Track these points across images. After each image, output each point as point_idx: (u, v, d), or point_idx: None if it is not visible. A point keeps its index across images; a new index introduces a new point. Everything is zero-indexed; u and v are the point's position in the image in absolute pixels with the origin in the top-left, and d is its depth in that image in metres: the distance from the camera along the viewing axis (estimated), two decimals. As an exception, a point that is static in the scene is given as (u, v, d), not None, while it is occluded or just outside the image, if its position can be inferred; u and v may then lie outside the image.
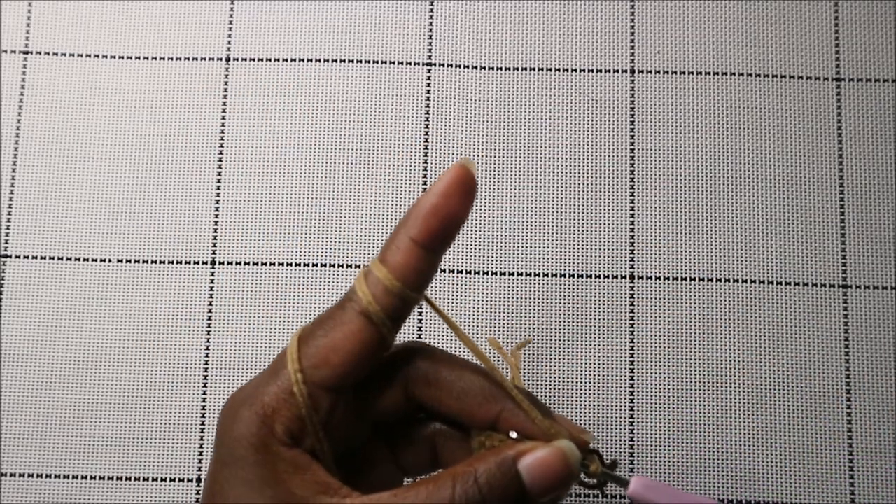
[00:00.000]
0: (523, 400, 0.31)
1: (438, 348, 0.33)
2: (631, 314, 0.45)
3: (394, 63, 0.48)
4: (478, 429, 0.32)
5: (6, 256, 0.46)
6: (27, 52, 0.48)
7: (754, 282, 0.45)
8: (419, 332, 0.45)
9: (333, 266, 0.46)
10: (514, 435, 0.31)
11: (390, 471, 0.34)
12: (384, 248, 0.30)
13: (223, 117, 0.47)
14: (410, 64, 0.48)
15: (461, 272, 0.45)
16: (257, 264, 0.46)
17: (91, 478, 0.44)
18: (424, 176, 0.46)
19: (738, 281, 0.45)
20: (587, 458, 0.31)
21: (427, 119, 0.47)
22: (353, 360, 0.30)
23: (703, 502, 0.31)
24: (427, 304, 0.32)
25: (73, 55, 0.48)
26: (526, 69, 0.48)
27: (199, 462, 0.44)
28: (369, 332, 0.30)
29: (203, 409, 0.44)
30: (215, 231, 0.46)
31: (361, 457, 0.33)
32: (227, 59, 0.48)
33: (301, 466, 0.29)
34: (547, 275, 0.46)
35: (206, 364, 0.45)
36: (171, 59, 0.48)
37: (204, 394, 0.44)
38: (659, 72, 0.48)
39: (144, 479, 0.44)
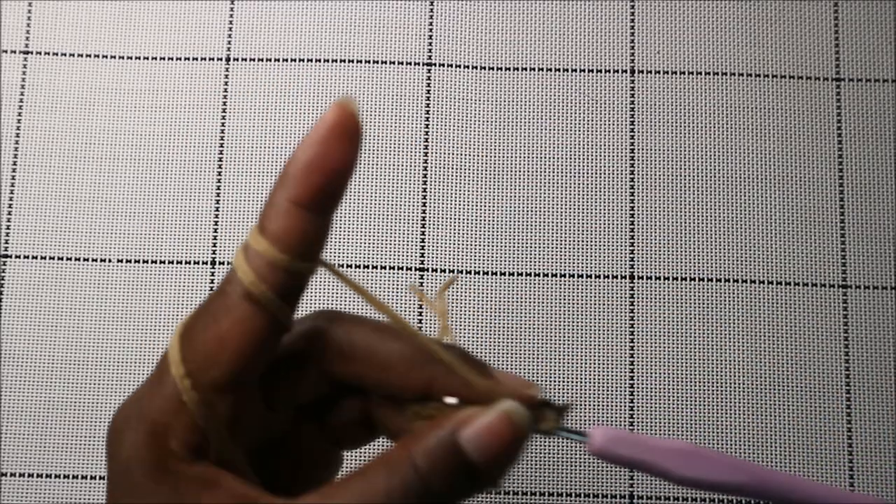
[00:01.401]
0: (455, 361, 0.27)
1: (350, 314, 0.29)
2: (631, 314, 0.45)
3: (394, 63, 0.48)
4: (410, 399, 0.28)
5: (6, 256, 0.46)
6: (27, 52, 0.48)
7: (754, 282, 0.45)
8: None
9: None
10: (451, 400, 0.27)
11: (323, 451, 0.31)
12: (262, 215, 0.26)
13: (223, 117, 0.47)
14: (410, 64, 0.48)
15: (461, 272, 0.45)
16: (257, 264, 0.46)
17: (91, 478, 0.44)
18: (424, 176, 0.46)
19: (738, 281, 0.45)
20: (538, 413, 0.27)
21: (427, 119, 0.47)
22: (245, 352, 0.26)
23: (680, 447, 0.26)
24: (326, 269, 0.27)
25: (73, 55, 0.48)
26: (526, 69, 0.48)
27: (199, 462, 0.44)
28: (259, 319, 0.26)
29: (203, 409, 0.44)
30: (215, 231, 0.46)
31: (286, 444, 0.30)
32: (227, 59, 0.48)
33: (209, 482, 0.25)
34: (547, 275, 0.46)
35: (206, 364, 0.45)
36: (171, 59, 0.48)
37: (204, 394, 0.44)
38: (659, 72, 0.48)
39: (144, 479, 0.44)
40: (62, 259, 0.46)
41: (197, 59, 0.48)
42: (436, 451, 0.25)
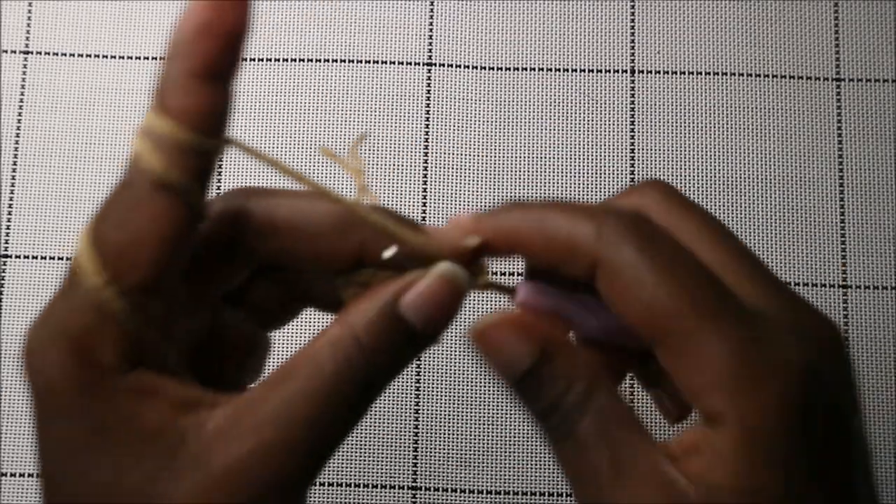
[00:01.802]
0: (384, 220, 0.25)
1: (265, 188, 0.27)
2: (631, 314, 0.45)
3: (394, 63, 0.48)
4: (343, 270, 0.26)
5: (6, 256, 0.46)
6: (27, 52, 0.48)
7: (754, 282, 0.45)
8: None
9: (333, 266, 0.46)
10: (387, 253, 0.25)
11: (247, 335, 0.28)
12: (158, 92, 0.24)
13: (223, 117, 0.47)
14: (410, 64, 0.48)
15: (461, 272, 0.45)
16: (257, 264, 0.46)
17: (91, 478, 0.44)
18: (424, 176, 0.46)
19: (738, 281, 0.45)
20: (474, 267, 0.26)
21: (427, 119, 0.47)
22: (165, 248, 0.23)
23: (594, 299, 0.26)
24: (234, 146, 0.25)
25: (73, 55, 0.48)
26: (526, 69, 0.48)
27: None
28: (175, 209, 0.23)
29: (203, 409, 0.44)
30: (215, 231, 0.46)
31: (211, 336, 0.28)
32: (227, 59, 0.48)
33: (147, 391, 0.23)
34: (547, 275, 0.46)
35: (206, 364, 0.45)
36: (171, 59, 0.48)
37: (204, 394, 0.44)
38: (659, 72, 0.48)
39: (144, 479, 0.44)
40: (62, 259, 0.46)
41: (197, 59, 0.48)
42: (377, 323, 0.24)
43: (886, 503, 0.43)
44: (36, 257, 0.46)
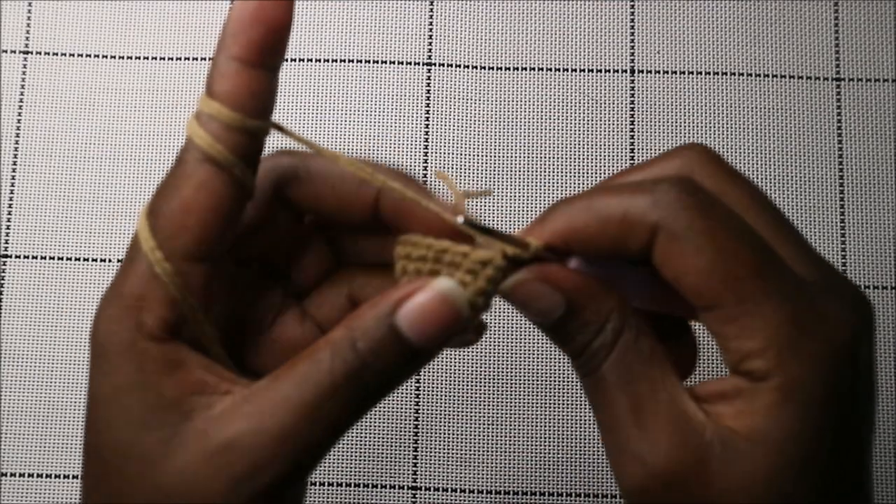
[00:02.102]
0: (397, 173, 0.28)
1: (297, 150, 0.29)
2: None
3: (394, 63, 0.48)
4: (363, 218, 0.28)
5: (6, 256, 0.46)
6: (27, 52, 0.48)
7: (754, 282, 0.45)
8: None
9: (333, 266, 0.46)
10: (460, 219, 0.26)
11: (308, 333, 0.30)
12: (208, 78, 0.26)
13: (223, 117, 0.47)
14: (410, 64, 0.48)
15: (461, 272, 0.45)
16: (257, 264, 0.46)
17: (91, 478, 0.44)
18: (424, 176, 0.46)
19: (738, 281, 0.45)
20: (494, 261, 0.26)
21: (427, 119, 0.47)
22: (212, 216, 0.25)
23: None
24: (278, 131, 0.27)
25: (73, 55, 0.48)
26: (526, 69, 0.48)
27: (199, 462, 0.44)
28: (221, 181, 0.25)
29: (203, 409, 0.44)
30: (215, 231, 0.46)
31: (276, 336, 0.30)
32: (227, 59, 0.48)
33: (173, 363, 0.25)
34: (547, 275, 0.45)
35: (206, 364, 0.45)
36: (171, 59, 0.48)
37: (204, 394, 0.44)
38: (659, 72, 0.48)
39: (144, 479, 0.44)
40: (62, 259, 0.46)
41: (197, 59, 0.48)
42: (374, 332, 0.25)
43: (886, 503, 0.43)
44: (36, 257, 0.46)
